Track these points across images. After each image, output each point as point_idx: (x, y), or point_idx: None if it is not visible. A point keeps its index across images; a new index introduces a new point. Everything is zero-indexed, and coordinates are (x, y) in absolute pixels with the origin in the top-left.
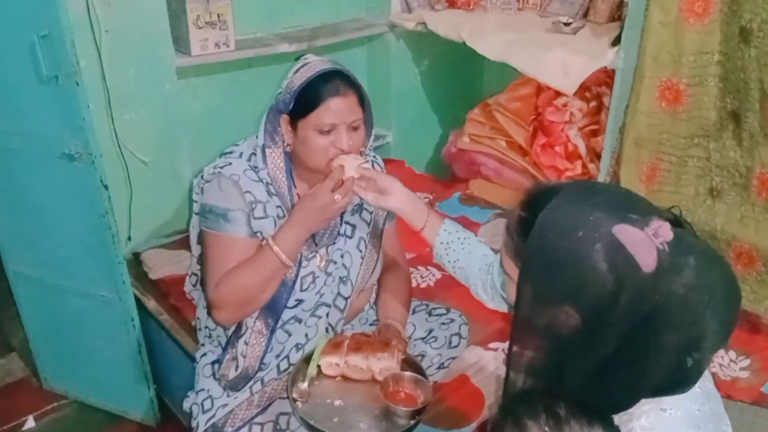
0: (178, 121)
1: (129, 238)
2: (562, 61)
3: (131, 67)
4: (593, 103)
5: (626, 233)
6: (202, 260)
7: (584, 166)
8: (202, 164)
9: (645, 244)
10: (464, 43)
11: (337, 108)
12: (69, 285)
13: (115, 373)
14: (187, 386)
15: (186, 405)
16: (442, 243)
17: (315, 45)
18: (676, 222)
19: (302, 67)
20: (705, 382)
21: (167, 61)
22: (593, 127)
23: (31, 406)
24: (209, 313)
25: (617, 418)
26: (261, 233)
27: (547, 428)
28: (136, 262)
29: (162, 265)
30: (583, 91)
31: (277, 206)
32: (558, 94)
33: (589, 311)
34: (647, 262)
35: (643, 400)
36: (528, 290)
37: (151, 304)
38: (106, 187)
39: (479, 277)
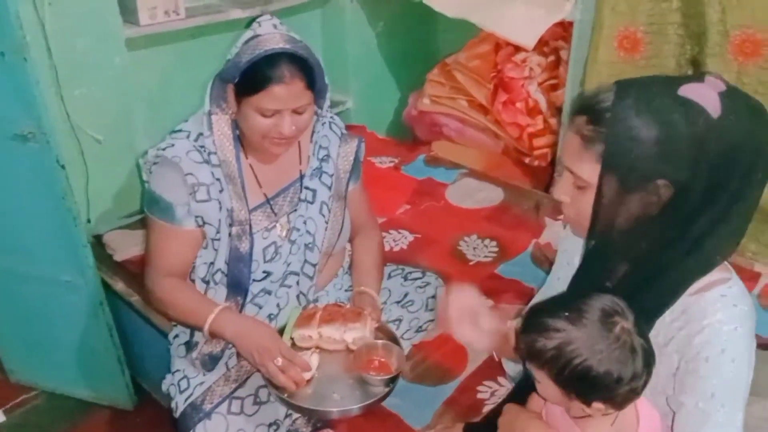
0: (130, 95)
1: (88, 221)
2: (520, 15)
3: (78, 40)
4: (551, 58)
5: (691, 90)
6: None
7: (545, 120)
8: (159, 139)
9: (708, 93)
10: (420, 2)
11: (280, 95)
12: (31, 272)
13: (86, 360)
14: (163, 367)
15: (164, 387)
16: None
17: (268, 10)
18: None
19: (252, 39)
20: None
21: (115, 32)
22: (552, 81)
23: None
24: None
25: (685, 317)
26: (202, 218)
27: (566, 313)
28: (98, 245)
29: (126, 246)
30: (540, 45)
31: (219, 190)
32: (517, 50)
33: (681, 174)
34: (714, 107)
35: (715, 299)
36: (614, 184)
37: (120, 286)
38: (63, 167)
39: None
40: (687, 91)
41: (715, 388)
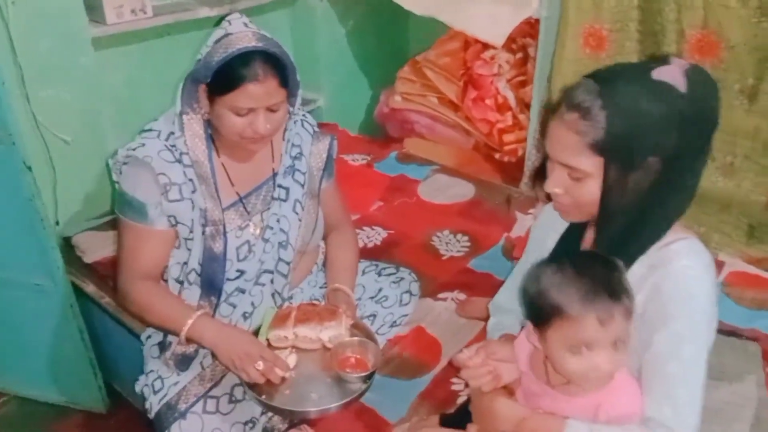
0: (98, 95)
1: (57, 223)
2: (488, 14)
3: (43, 40)
4: (519, 55)
5: (663, 72)
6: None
7: (515, 117)
8: (128, 140)
9: (676, 73)
10: (390, 0)
11: (255, 93)
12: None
13: (57, 363)
14: (136, 368)
15: (138, 388)
16: None
17: (237, 8)
18: None
19: (224, 38)
20: None
21: (81, 31)
22: (521, 78)
23: None
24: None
25: (653, 267)
26: (175, 218)
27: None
28: (67, 247)
29: (96, 247)
30: (509, 43)
31: (192, 190)
32: (485, 47)
33: (666, 149)
34: (681, 84)
35: (680, 248)
36: (616, 170)
37: (90, 288)
38: (30, 169)
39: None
40: (660, 74)
41: (682, 326)
